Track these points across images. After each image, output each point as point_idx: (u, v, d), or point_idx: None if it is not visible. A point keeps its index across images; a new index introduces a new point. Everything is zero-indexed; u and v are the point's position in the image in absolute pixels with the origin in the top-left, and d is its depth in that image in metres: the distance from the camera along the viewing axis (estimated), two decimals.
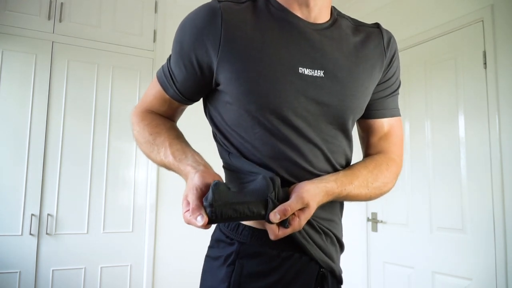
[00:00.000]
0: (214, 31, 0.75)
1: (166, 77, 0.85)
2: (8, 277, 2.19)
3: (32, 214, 2.27)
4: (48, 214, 2.32)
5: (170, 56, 0.85)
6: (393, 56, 0.94)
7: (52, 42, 2.42)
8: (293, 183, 0.76)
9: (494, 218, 1.97)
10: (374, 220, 2.68)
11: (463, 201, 2.13)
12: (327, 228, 0.84)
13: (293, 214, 0.69)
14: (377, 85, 0.92)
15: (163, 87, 0.86)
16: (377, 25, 0.92)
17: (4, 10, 2.32)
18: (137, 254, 2.54)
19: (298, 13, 0.81)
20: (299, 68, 0.77)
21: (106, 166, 2.49)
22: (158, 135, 0.83)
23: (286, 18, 0.80)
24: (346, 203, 0.93)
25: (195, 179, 0.70)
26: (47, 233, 2.30)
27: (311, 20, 0.82)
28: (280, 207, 0.67)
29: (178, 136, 0.85)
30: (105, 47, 2.56)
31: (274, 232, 0.69)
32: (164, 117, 0.90)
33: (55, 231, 2.33)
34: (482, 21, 2.09)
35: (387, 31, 0.93)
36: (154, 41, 2.72)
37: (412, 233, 2.41)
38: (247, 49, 0.76)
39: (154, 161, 0.84)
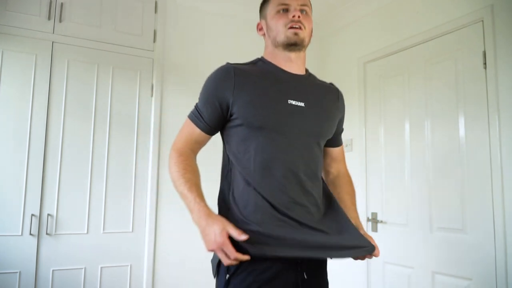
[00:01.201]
0: (230, 80, 1.16)
1: (196, 116, 1.22)
2: (8, 277, 2.19)
3: (32, 214, 2.27)
4: (48, 214, 2.32)
5: (197, 104, 1.24)
6: (343, 109, 1.39)
7: (52, 42, 2.42)
8: (283, 174, 1.14)
9: (494, 218, 1.97)
10: (374, 220, 2.68)
11: (463, 201, 2.13)
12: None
13: None
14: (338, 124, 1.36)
15: (195, 123, 1.22)
16: (332, 84, 1.39)
17: (4, 10, 2.32)
18: (137, 254, 2.54)
19: (285, 68, 1.25)
20: (288, 100, 1.18)
21: (106, 166, 2.49)
22: (186, 171, 1.16)
23: (277, 71, 1.24)
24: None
25: (225, 221, 1.04)
26: (47, 233, 2.30)
27: (293, 72, 1.25)
28: None
29: (198, 179, 1.17)
30: (105, 47, 2.56)
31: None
32: (192, 158, 1.22)
33: (55, 231, 2.33)
34: (482, 21, 2.09)
35: (337, 88, 1.39)
36: (154, 41, 2.72)
37: (412, 233, 2.41)
38: (252, 90, 1.17)
39: (176, 186, 1.16)
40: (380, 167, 2.68)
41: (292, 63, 1.25)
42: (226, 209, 1.18)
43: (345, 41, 3.11)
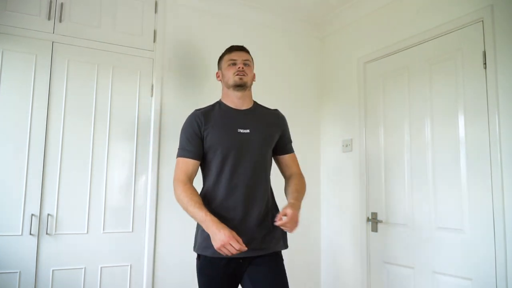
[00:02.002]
0: (199, 120, 1.72)
1: (183, 150, 1.71)
2: (8, 277, 2.19)
3: (32, 214, 2.27)
4: (48, 214, 2.32)
5: (179, 146, 1.75)
6: (284, 125, 1.88)
7: (52, 42, 2.42)
8: (238, 179, 1.67)
9: (494, 218, 1.97)
10: (374, 220, 2.68)
11: (463, 201, 2.13)
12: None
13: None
14: (278, 139, 1.83)
15: (185, 157, 1.70)
16: (275, 110, 1.90)
17: (4, 10, 2.32)
18: (137, 254, 2.54)
19: (235, 105, 1.78)
20: (238, 129, 1.71)
21: (106, 166, 2.49)
22: (193, 195, 1.63)
23: (230, 110, 1.77)
24: (346, 204, 1.40)
25: (228, 230, 1.50)
26: (47, 233, 2.30)
27: (241, 107, 1.79)
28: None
29: (201, 200, 1.64)
30: (105, 47, 2.56)
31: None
32: (192, 186, 1.68)
33: (55, 231, 2.33)
34: (482, 21, 2.09)
35: (278, 112, 1.90)
36: (154, 41, 2.72)
37: (412, 233, 2.41)
38: (214, 124, 1.71)
39: (187, 207, 1.61)
40: (380, 167, 2.68)
41: (239, 100, 1.77)
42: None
43: (345, 41, 3.11)
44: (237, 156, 1.67)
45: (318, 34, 3.37)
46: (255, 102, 1.86)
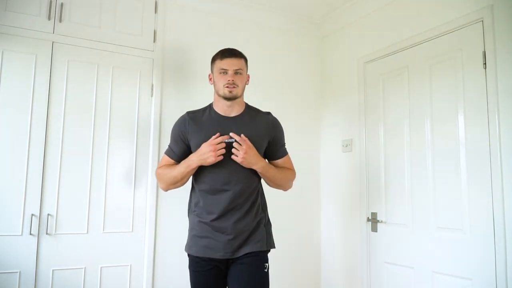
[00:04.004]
0: (186, 126, 1.78)
1: (169, 151, 1.83)
2: (8, 277, 2.19)
3: (32, 214, 2.27)
4: (48, 214, 2.32)
5: (169, 143, 1.85)
6: (274, 131, 1.85)
7: (52, 42, 2.42)
8: (221, 186, 1.73)
9: (494, 218, 1.97)
10: (374, 220, 2.68)
11: (463, 201, 2.13)
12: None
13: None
14: (269, 144, 1.83)
15: (168, 156, 1.83)
16: (267, 113, 1.87)
17: (4, 10, 2.32)
18: (137, 254, 2.54)
19: (224, 112, 1.79)
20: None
21: (106, 166, 2.49)
22: (167, 168, 1.81)
23: (218, 117, 1.79)
24: (346, 204, 1.31)
25: (203, 145, 1.70)
26: (47, 233, 2.30)
27: (230, 115, 1.79)
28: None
29: (175, 167, 1.79)
30: (105, 47, 2.56)
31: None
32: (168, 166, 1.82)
33: (55, 231, 2.33)
34: (482, 21, 2.09)
35: (269, 116, 1.86)
36: (154, 41, 2.72)
37: (412, 233, 2.41)
38: (200, 130, 1.75)
39: (166, 175, 1.79)
40: (380, 167, 2.68)
41: (229, 108, 1.78)
42: (189, 212, 1.86)
43: (345, 41, 3.11)
44: (219, 164, 1.68)
45: (318, 34, 3.37)
46: (246, 106, 1.84)
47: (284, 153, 1.90)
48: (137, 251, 2.54)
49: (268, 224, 1.84)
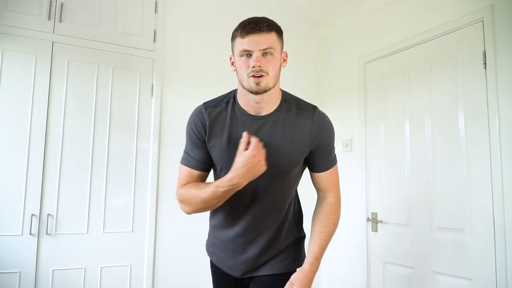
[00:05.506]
0: (204, 124, 1.33)
1: (187, 159, 1.37)
2: (8, 277, 2.19)
3: (32, 214, 2.27)
4: (48, 214, 2.32)
5: (185, 149, 1.40)
6: (319, 136, 1.36)
7: (52, 42, 2.42)
8: (243, 209, 1.36)
9: (494, 218, 1.97)
10: (374, 220, 2.68)
11: (463, 201, 2.13)
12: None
13: None
14: (311, 152, 1.37)
15: (187, 166, 1.37)
16: (311, 109, 1.40)
17: (4, 10, 2.32)
18: (137, 254, 2.54)
19: (251, 110, 1.31)
20: None
21: (106, 166, 2.49)
22: (191, 187, 1.34)
23: (243, 117, 1.32)
24: (346, 204, 1.24)
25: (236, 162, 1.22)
26: (47, 233, 2.30)
27: (259, 113, 1.32)
28: None
29: (200, 184, 1.35)
30: (105, 47, 2.56)
31: None
32: (191, 183, 1.37)
33: (55, 231, 2.33)
34: (482, 21, 2.09)
35: (314, 114, 1.38)
36: (154, 41, 2.72)
37: (412, 233, 2.41)
38: (220, 136, 1.32)
39: (194, 199, 1.31)
40: (380, 167, 2.68)
41: (257, 104, 1.30)
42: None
43: (345, 41, 3.11)
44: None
45: (318, 34, 3.37)
46: (283, 98, 1.37)
47: (330, 164, 1.41)
48: (137, 251, 2.54)
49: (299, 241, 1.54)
